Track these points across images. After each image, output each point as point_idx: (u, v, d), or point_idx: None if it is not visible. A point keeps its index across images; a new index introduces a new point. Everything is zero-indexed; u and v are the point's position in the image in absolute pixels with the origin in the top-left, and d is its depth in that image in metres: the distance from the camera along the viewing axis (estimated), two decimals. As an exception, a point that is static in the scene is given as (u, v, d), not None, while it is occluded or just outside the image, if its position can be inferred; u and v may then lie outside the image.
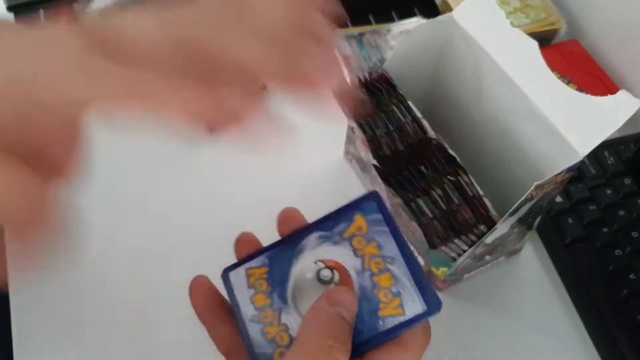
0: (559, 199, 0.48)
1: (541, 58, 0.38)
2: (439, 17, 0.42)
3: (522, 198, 0.35)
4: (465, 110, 0.45)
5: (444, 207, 0.38)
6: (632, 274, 0.44)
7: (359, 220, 0.30)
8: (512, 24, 0.39)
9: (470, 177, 0.38)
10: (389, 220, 0.30)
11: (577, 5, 0.62)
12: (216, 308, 0.31)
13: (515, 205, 0.35)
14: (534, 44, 0.38)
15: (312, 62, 0.30)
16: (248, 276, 0.31)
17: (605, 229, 0.46)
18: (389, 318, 0.28)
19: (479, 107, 0.44)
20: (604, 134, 0.35)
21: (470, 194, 0.38)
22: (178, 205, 0.48)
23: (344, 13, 0.30)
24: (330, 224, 0.31)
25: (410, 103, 0.42)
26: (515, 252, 0.47)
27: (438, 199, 0.38)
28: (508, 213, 0.35)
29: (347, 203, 0.31)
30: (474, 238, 0.37)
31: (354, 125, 0.42)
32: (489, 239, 0.38)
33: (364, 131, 0.41)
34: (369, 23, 0.63)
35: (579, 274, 0.45)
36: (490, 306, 0.45)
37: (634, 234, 0.46)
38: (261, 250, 0.31)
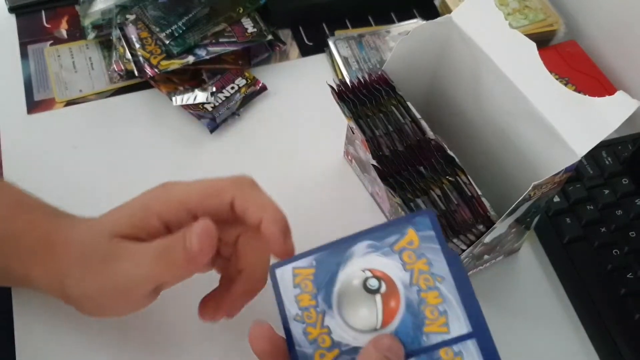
0: (557, 198, 0.48)
1: (539, 59, 0.38)
2: (438, 19, 0.42)
3: (521, 198, 0.35)
4: (464, 111, 0.46)
5: (442, 207, 0.38)
6: (630, 274, 0.44)
7: (411, 234, 0.30)
8: (510, 25, 0.39)
9: (469, 177, 0.38)
10: (441, 239, 0.29)
11: (575, 6, 0.62)
12: (279, 355, 0.31)
13: (513, 205, 0.35)
14: (532, 45, 0.38)
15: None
16: (295, 275, 0.31)
17: (603, 229, 0.46)
18: (433, 334, 0.28)
19: (478, 107, 0.44)
20: (601, 134, 0.35)
21: (469, 194, 0.38)
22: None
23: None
24: (382, 234, 0.30)
25: (409, 104, 0.42)
26: (513, 251, 0.47)
27: (437, 199, 0.38)
28: (506, 213, 0.36)
29: (401, 216, 0.31)
30: (472, 238, 0.38)
31: (354, 125, 0.42)
32: (488, 238, 0.38)
33: (364, 132, 0.42)
34: (369, 24, 0.63)
35: (577, 273, 0.45)
36: (489, 305, 0.45)
37: (632, 234, 0.46)
38: (309, 251, 0.31)
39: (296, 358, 0.30)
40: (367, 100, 0.43)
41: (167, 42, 0.54)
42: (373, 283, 0.29)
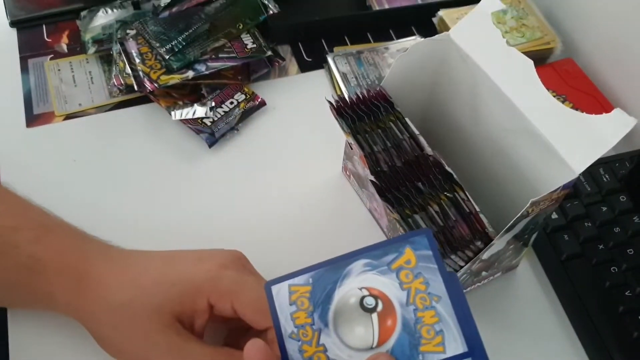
0: (555, 215, 0.48)
1: (537, 76, 0.38)
2: (436, 36, 0.43)
3: (518, 215, 0.35)
4: (462, 128, 0.46)
5: (440, 223, 0.38)
6: (628, 291, 0.44)
7: (408, 253, 0.30)
8: (508, 43, 0.40)
9: (467, 194, 0.38)
10: (438, 258, 0.29)
11: (572, 24, 0.63)
12: None
13: (511, 222, 0.35)
14: (530, 62, 0.39)
15: None
16: (291, 292, 0.31)
17: (601, 246, 0.46)
18: (429, 354, 0.28)
19: (476, 124, 0.44)
20: (599, 151, 0.35)
21: (467, 210, 0.38)
22: (177, 220, 0.49)
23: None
24: (379, 252, 0.30)
25: (407, 120, 0.42)
26: (511, 268, 0.47)
27: (435, 215, 0.38)
28: (504, 229, 0.36)
29: (398, 235, 0.31)
30: (470, 254, 0.38)
31: (352, 141, 0.42)
32: (486, 255, 0.38)
33: (362, 147, 0.42)
34: (367, 41, 0.63)
35: (575, 290, 0.45)
36: (487, 322, 0.45)
37: (630, 251, 0.46)
38: (306, 269, 0.31)
39: None
40: (365, 116, 0.43)
41: (167, 57, 0.54)
42: (370, 302, 0.29)
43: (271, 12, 0.59)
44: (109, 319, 0.37)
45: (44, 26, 0.62)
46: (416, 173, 0.40)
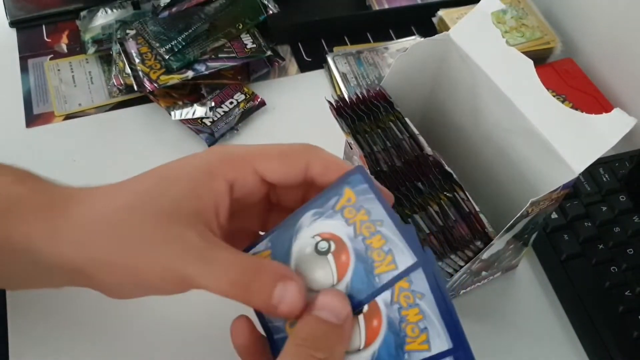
0: (554, 215, 0.48)
1: (536, 76, 0.38)
2: (436, 36, 0.43)
3: (518, 214, 0.35)
4: (462, 127, 0.46)
5: (440, 222, 0.38)
6: (628, 291, 0.44)
7: (347, 192, 0.31)
8: (507, 42, 0.40)
9: (467, 193, 0.38)
10: (373, 188, 0.31)
11: (572, 24, 0.63)
12: (256, 349, 0.31)
13: (511, 222, 0.35)
14: (530, 62, 0.39)
15: None
16: None
17: (601, 246, 0.46)
18: (384, 274, 0.29)
19: (475, 124, 0.44)
20: (599, 151, 0.35)
21: (467, 210, 0.38)
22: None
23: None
24: (322, 201, 0.32)
25: (407, 120, 0.42)
26: (511, 268, 0.47)
27: (435, 214, 0.38)
28: (504, 229, 0.36)
29: (336, 180, 0.32)
30: (470, 254, 0.38)
31: (352, 141, 0.42)
32: (485, 255, 0.38)
33: (362, 147, 0.42)
34: (367, 41, 0.63)
35: (575, 290, 0.45)
36: (487, 322, 0.45)
37: (630, 251, 0.46)
38: (264, 235, 0.33)
39: (270, 334, 0.31)
40: (365, 116, 0.43)
41: (166, 57, 0.54)
42: (323, 245, 0.31)
43: (271, 12, 0.59)
44: (102, 228, 0.30)
45: (43, 26, 0.62)
46: (416, 173, 0.40)
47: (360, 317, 0.30)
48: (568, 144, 0.37)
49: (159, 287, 0.31)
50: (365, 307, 0.30)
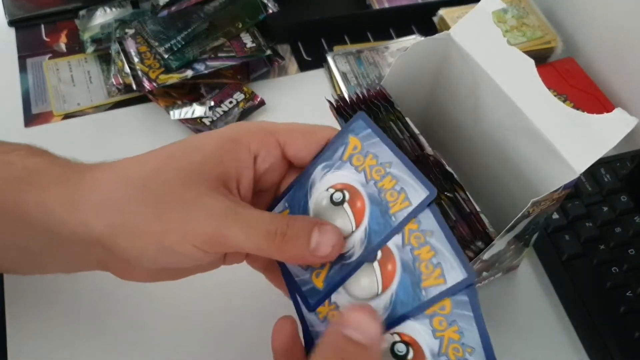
0: (555, 215, 0.48)
1: (537, 76, 0.38)
2: (436, 35, 0.42)
3: (519, 215, 0.35)
4: (462, 127, 0.46)
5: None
6: (629, 292, 0.44)
7: (352, 141, 0.32)
8: (508, 42, 0.40)
9: (468, 194, 0.38)
10: (377, 132, 0.32)
11: (573, 23, 0.63)
12: (294, 354, 0.31)
13: (512, 222, 0.35)
14: (530, 62, 0.39)
15: None
16: None
17: (602, 246, 0.46)
18: (399, 212, 0.30)
19: (476, 124, 0.44)
20: (600, 151, 0.35)
21: (468, 210, 0.38)
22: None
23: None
24: (330, 153, 0.32)
25: (408, 119, 0.42)
26: (512, 268, 0.47)
27: (435, 215, 0.38)
28: (505, 230, 0.36)
29: (339, 131, 0.33)
30: (471, 254, 0.37)
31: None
32: (486, 255, 0.38)
33: (362, 147, 0.42)
34: (367, 40, 0.63)
35: (576, 290, 0.45)
36: (488, 322, 0.44)
37: (631, 251, 0.46)
38: (280, 197, 0.33)
39: (296, 287, 0.32)
40: (365, 116, 0.42)
41: (166, 56, 0.54)
42: (337, 196, 0.32)
43: (270, 11, 0.59)
44: (124, 191, 0.29)
45: (42, 25, 0.61)
46: (416, 173, 0.40)
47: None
48: (569, 143, 0.37)
49: (183, 253, 0.29)
50: (379, 254, 0.30)
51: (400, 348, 0.29)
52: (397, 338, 0.29)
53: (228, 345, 0.41)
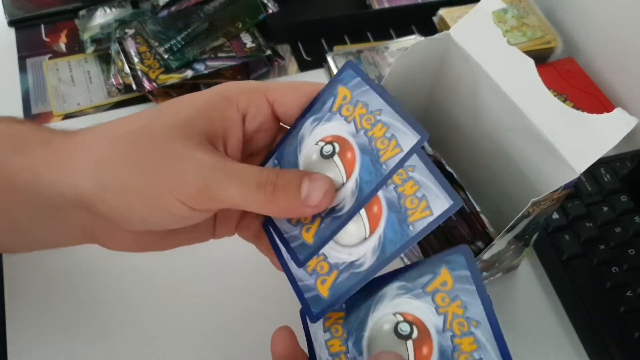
0: (555, 215, 0.48)
1: (537, 76, 0.38)
2: (436, 35, 0.42)
3: (519, 214, 0.35)
4: (462, 127, 0.46)
5: (441, 223, 0.38)
6: (629, 292, 0.44)
7: (342, 91, 0.30)
8: (508, 42, 0.39)
9: (468, 194, 0.38)
10: (366, 80, 0.30)
11: (573, 23, 0.63)
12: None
13: (512, 222, 0.35)
14: (531, 62, 0.39)
15: None
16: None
17: (602, 246, 0.46)
18: (390, 160, 0.29)
19: (476, 124, 0.44)
20: (600, 151, 0.35)
21: (468, 210, 0.38)
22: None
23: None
24: (319, 106, 0.31)
25: (407, 119, 0.42)
26: (512, 268, 0.47)
27: (435, 215, 0.38)
28: (505, 229, 0.35)
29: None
30: (471, 254, 0.37)
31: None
32: (486, 255, 0.38)
33: (362, 147, 0.42)
34: (367, 40, 0.63)
35: (576, 290, 0.45)
36: (488, 323, 0.44)
37: (631, 251, 0.46)
38: (269, 155, 0.32)
39: (286, 244, 0.30)
40: (365, 116, 0.42)
41: (165, 56, 0.54)
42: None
43: (270, 11, 0.59)
44: (110, 149, 0.29)
45: (42, 25, 0.61)
46: (416, 173, 0.40)
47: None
48: (569, 143, 0.37)
49: (172, 210, 0.29)
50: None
51: (404, 327, 0.28)
52: (400, 318, 0.28)
53: (230, 346, 0.41)
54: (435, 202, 0.28)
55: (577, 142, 0.36)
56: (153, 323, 0.42)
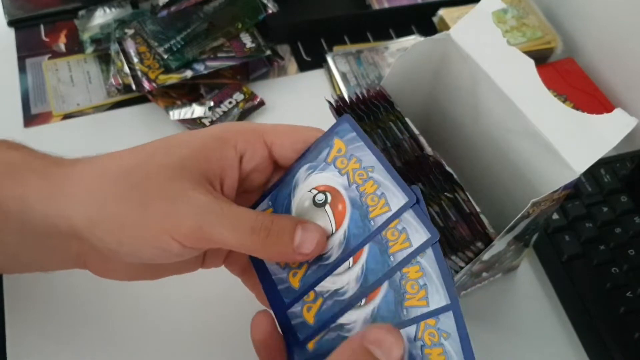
0: (555, 216, 0.48)
1: (537, 76, 0.38)
2: (436, 35, 0.42)
3: (519, 215, 0.35)
4: (462, 127, 0.46)
5: (440, 223, 0.38)
6: (629, 292, 0.44)
7: (337, 143, 0.33)
8: (508, 42, 0.39)
9: (467, 194, 0.38)
10: (361, 135, 0.32)
11: (573, 24, 0.63)
12: (274, 346, 0.32)
13: (512, 222, 0.35)
14: (530, 62, 0.39)
15: None
16: None
17: (602, 247, 0.46)
18: (378, 217, 0.31)
19: (476, 124, 0.44)
20: (600, 151, 0.35)
21: (467, 210, 0.38)
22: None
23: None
24: (315, 154, 0.33)
25: (407, 120, 0.42)
26: (512, 269, 0.47)
27: (435, 215, 0.38)
28: (505, 230, 0.35)
29: (326, 132, 0.33)
30: (470, 255, 0.37)
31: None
32: (486, 256, 0.38)
33: (362, 147, 0.42)
34: (367, 40, 0.63)
35: (576, 291, 0.45)
36: (487, 323, 0.44)
37: (631, 252, 0.46)
38: (263, 196, 0.34)
39: (272, 285, 0.33)
40: (365, 116, 0.42)
41: (165, 56, 0.54)
42: (320, 197, 0.32)
43: (270, 11, 0.59)
44: (103, 184, 0.29)
45: (41, 25, 0.61)
46: (416, 173, 0.40)
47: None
48: (569, 144, 0.37)
49: (162, 247, 0.29)
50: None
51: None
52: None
53: (230, 346, 0.41)
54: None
55: (577, 142, 0.36)
56: (153, 324, 0.42)
